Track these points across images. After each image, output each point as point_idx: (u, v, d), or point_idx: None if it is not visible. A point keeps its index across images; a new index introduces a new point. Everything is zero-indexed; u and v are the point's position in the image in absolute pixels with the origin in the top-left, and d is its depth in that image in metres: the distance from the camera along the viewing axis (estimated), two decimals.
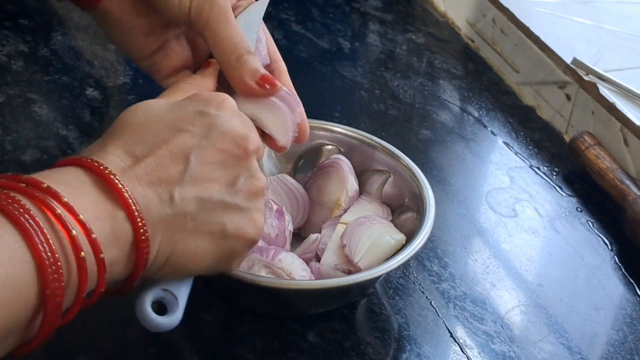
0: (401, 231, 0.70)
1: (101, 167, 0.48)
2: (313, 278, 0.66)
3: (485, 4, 1.11)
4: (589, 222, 0.84)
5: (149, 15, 0.63)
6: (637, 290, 0.76)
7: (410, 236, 0.68)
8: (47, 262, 0.42)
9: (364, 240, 0.68)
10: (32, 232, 0.42)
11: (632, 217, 0.80)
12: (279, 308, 0.67)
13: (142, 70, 0.66)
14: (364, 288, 0.69)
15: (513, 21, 1.06)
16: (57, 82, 0.93)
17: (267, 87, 0.60)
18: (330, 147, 0.77)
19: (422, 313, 0.70)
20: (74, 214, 0.44)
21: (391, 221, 0.72)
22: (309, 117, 0.65)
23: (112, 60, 0.97)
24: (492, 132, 0.96)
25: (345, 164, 0.74)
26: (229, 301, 0.68)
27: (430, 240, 0.77)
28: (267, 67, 0.65)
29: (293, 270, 0.65)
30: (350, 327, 0.67)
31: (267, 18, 1.11)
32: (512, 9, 1.07)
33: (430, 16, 1.20)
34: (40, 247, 0.42)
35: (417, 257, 0.75)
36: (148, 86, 0.94)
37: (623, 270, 0.78)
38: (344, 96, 1.00)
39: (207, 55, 0.65)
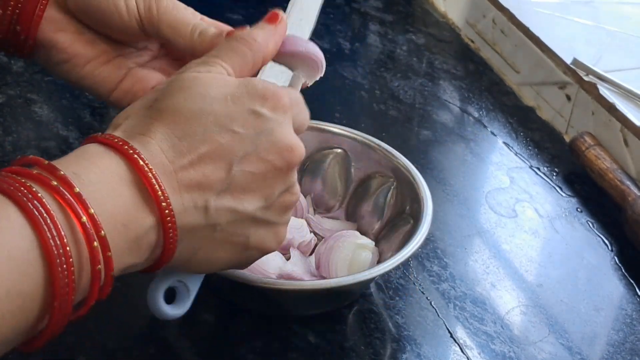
0: (397, 238, 0.70)
1: (143, 165, 0.45)
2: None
3: (485, 4, 1.11)
4: (589, 223, 0.84)
5: (101, 43, 0.60)
6: (637, 290, 0.76)
7: (403, 245, 0.67)
8: (55, 252, 0.41)
9: (342, 265, 0.68)
10: (42, 221, 0.41)
11: (632, 218, 0.80)
12: (270, 308, 0.67)
13: (117, 106, 0.61)
14: (353, 292, 0.69)
15: (513, 22, 1.06)
16: (57, 82, 0.93)
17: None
18: (338, 150, 0.77)
19: (422, 313, 0.70)
20: (85, 207, 0.42)
21: (391, 230, 0.72)
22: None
23: None
24: (492, 133, 0.96)
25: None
26: (228, 301, 0.68)
27: (430, 240, 0.77)
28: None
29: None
30: (350, 328, 0.67)
31: None
32: (512, 10, 1.07)
33: (431, 17, 1.20)
34: (48, 235, 0.41)
35: (417, 257, 0.75)
36: None
37: (623, 270, 0.78)
38: (344, 97, 1.00)
39: None
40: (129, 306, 0.66)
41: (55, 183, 0.42)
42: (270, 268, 0.67)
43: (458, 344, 0.67)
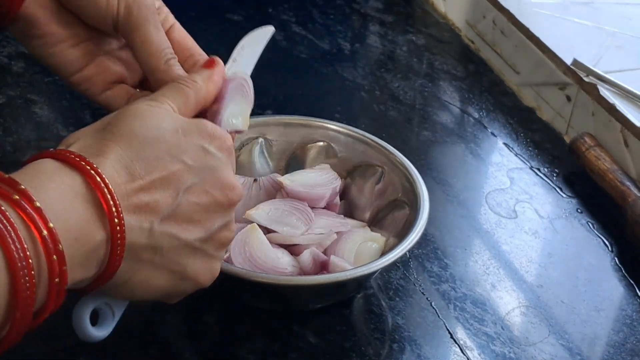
0: (396, 227, 0.70)
1: (100, 181, 0.47)
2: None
3: (485, 5, 1.11)
4: (589, 224, 0.84)
5: (75, 26, 0.61)
6: (638, 291, 0.76)
7: (405, 231, 0.68)
8: (19, 264, 0.41)
9: (348, 253, 0.68)
10: (6, 233, 0.41)
11: (633, 219, 0.80)
12: (273, 303, 0.67)
13: (74, 88, 0.63)
14: (360, 283, 0.69)
15: (513, 22, 1.06)
16: (58, 83, 0.93)
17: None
18: (321, 143, 0.77)
19: (422, 314, 0.70)
20: (45, 221, 0.43)
21: (384, 218, 0.72)
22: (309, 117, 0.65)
23: None
24: (493, 134, 0.97)
25: None
26: (229, 301, 0.68)
27: (430, 241, 0.77)
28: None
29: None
30: (350, 328, 0.67)
31: (268, 19, 1.11)
32: (512, 10, 1.07)
33: (431, 17, 1.20)
34: (13, 247, 0.41)
35: (417, 258, 0.75)
36: None
37: (623, 271, 0.78)
38: (345, 97, 1.00)
39: (140, 72, 0.64)
40: (128, 307, 0.66)
41: (17, 197, 0.43)
42: (281, 264, 0.67)
43: (458, 345, 0.67)
